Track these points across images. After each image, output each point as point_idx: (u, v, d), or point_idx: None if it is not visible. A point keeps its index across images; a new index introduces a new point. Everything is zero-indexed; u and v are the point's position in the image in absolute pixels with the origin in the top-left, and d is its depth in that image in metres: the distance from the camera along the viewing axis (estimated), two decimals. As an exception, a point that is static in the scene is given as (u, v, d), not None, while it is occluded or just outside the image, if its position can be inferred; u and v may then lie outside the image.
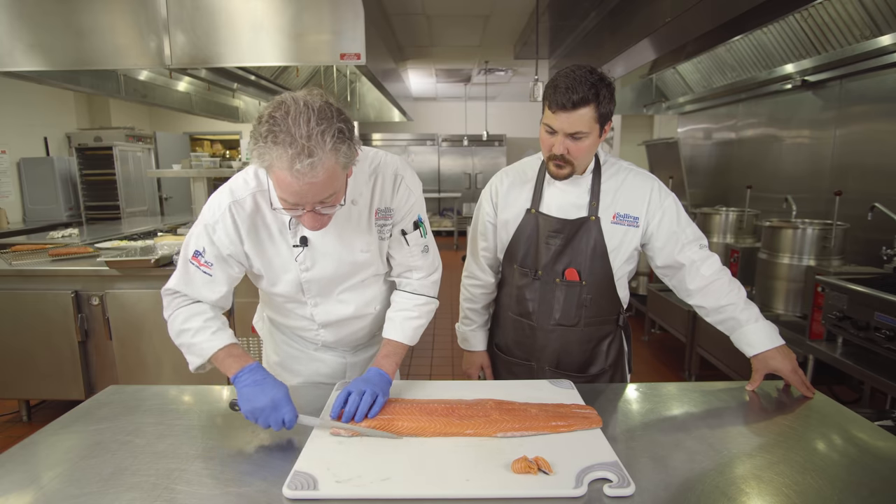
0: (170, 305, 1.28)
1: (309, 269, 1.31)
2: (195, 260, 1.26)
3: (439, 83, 9.43)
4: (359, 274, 1.37)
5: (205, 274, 1.26)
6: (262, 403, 1.10)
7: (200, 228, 1.26)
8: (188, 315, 1.25)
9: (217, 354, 1.21)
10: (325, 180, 1.03)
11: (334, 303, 1.39)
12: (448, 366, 4.10)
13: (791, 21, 3.28)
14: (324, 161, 1.00)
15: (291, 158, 0.97)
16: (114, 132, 7.23)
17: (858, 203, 3.00)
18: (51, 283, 2.86)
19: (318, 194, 1.05)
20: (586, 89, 1.29)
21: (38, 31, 3.10)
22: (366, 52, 3.11)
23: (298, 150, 0.97)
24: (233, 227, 1.24)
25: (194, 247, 1.26)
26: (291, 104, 1.00)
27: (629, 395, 1.38)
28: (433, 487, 0.93)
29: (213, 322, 1.25)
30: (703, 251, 1.48)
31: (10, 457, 1.05)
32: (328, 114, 1.01)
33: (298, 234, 1.28)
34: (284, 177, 1.01)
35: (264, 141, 0.99)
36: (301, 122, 0.98)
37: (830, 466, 1.01)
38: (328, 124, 1.00)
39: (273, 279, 1.33)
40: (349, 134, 1.04)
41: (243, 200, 1.24)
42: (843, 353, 2.51)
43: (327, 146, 0.99)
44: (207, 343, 1.22)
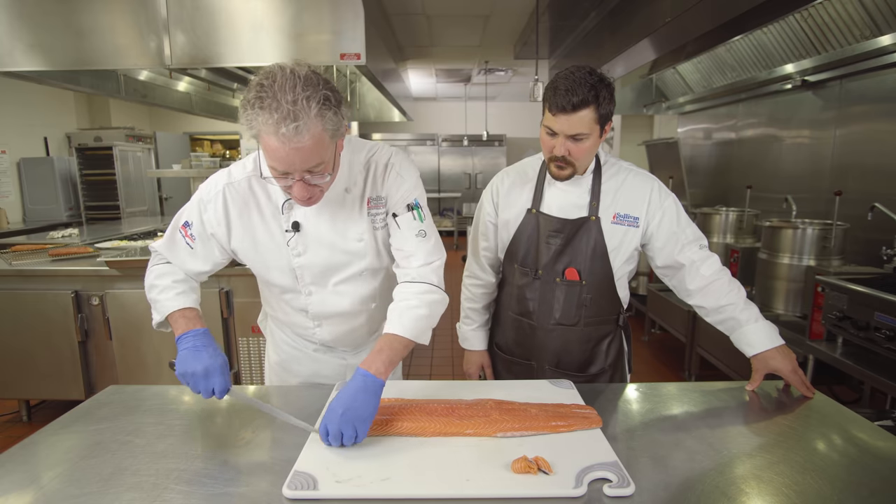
0: (151, 262, 1.38)
1: (301, 255, 1.32)
2: (183, 230, 1.32)
3: (439, 83, 9.42)
4: (353, 264, 1.36)
5: (188, 246, 1.33)
6: (194, 369, 1.14)
7: (195, 202, 1.31)
8: (160, 273, 1.33)
9: (173, 314, 1.26)
10: (312, 146, 1.04)
11: (329, 294, 1.38)
12: (448, 366, 4.10)
13: (791, 21, 3.28)
14: (309, 126, 1.01)
15: (277, 122, 1.00)
16: (114, 132, 7.22)
17: (858, 203, 3.00)
18: (51, 283, 2.86)
19: (305, 161, 1.06)
20: (586, 91, 1.29)
21: (38, 31, 3.10)
22: (366, 52, 3.11)
23: (284, 114, 1.00)
24: (223, 210, 1.29)
25: (186, 217, 1.32)
26: (279, 72, 1.03)
27: (629, 395, 1.38)
28: (433, 487, 0.93)
29: (180, 284, 1.31)
30: (703, 251, 1.48)
31: (10, 457, 1.05)
32: (314, 81, 1.04)
33: (291, 220, 1.30)
34: (271, 142, 1.03)
35: (251, 107, 1.02)
36: (287, 88, 1.00)
37: (830, 466, 1.01)
38: (314, 90, 1.02)
39: (265, 264, 1.34)
40: (335, 102, 1.06)
41: (238, 183, 1.29)
42: (843, 353, 2.51)
43: (312, 111, 1.01)
44: (169, 302, 1.27)
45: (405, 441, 1.08)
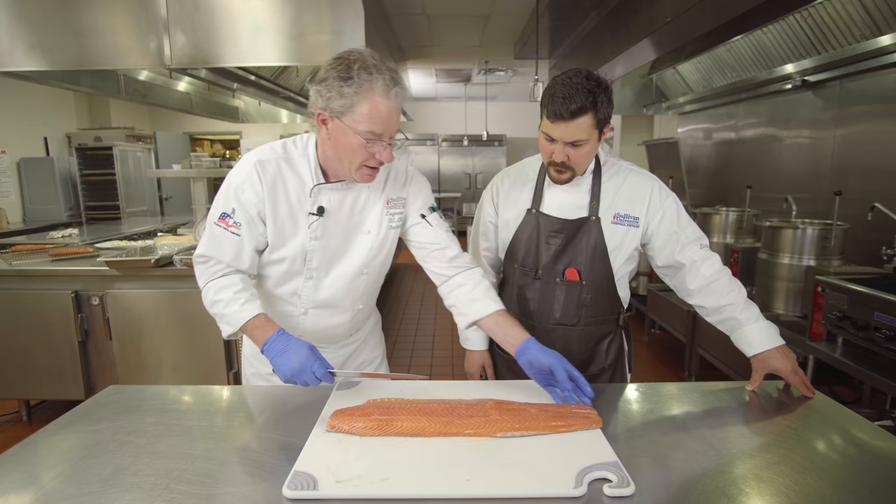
0: (202, 275, 1.35)
1: (318, 238, 1.36)
2: (222, 222, 1.31)
3: (439, 83, 9.42)
4: (358, 256, 1.41)
5: (233, 234, 1.31)
6: (291, 370, 1.18)
7: (228, 191, 1.31)
8: (220, 287, 1.31)
9: (245, 325, 1.28)
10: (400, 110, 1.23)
11: (327, 283, 1.41)
12: (448, 366, 4.10)
13: (791, 21, 3.28)
14: (403, 90, 1.20)
15: (388, 84, 1.17)
16: (114, 132, 7.22)
17: (858, 203, 3.00)
18: (51, 283, 2.86)
19: (397, 123, 1.23)
20: (583, 98, 1.28)
21: (38, 31, 3.10)
22: (366, 52, 3.10)
23: (391, 77, 1.17)
24: (259, 184, 1.30)
25: (221, 209, 1.31)
26: (363, 50, 1.19)
27: (629, 394, 1.38)
28: (433, 487, 0.93)
29: (243, 293, 1.30)
30: (703, 251, 1.48)
31: (10, 457, 1.05)
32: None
33: (316, 204, 1.34)
34: (380, 103, 1.17)
35: (357, 75, 1.14)
36: (378, 59, 1.18)
37: (830, 466, 1.01)
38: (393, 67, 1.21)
39: (280, 242, 1.36)
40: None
41: (267, 162, 1.31)
42: (843, 353, 2.51)
43: (402, 80, 1.21)
44: (237, 314, 1.28)
45: (405, 441, 1.08)
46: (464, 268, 1.44)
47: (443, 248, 1.43)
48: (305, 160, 1.33)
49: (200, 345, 2.83)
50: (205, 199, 3.81)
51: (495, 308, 1.37)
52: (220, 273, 1.33)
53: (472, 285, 1.40)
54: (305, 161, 1.33)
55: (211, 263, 1.33)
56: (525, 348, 1.27)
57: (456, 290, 1.43)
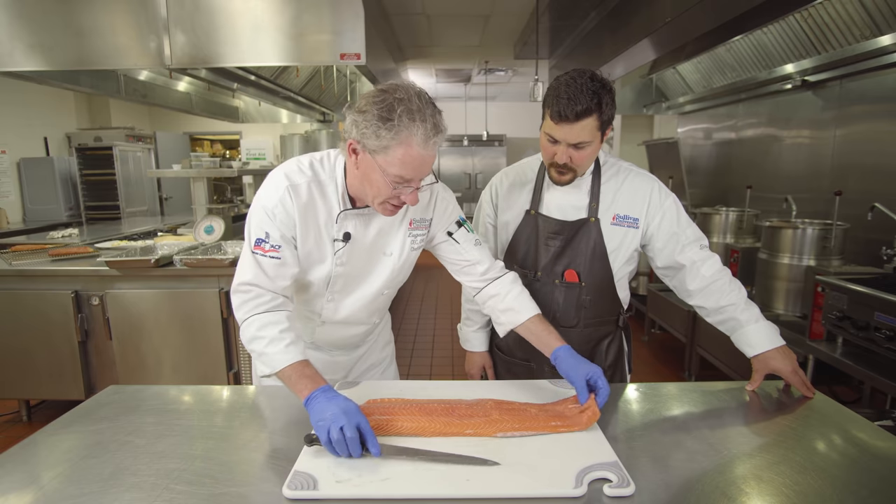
0: (243, 306, 1.24)
1: (343, 265, 1.33)
2: (259, 249, 1.24)
3: (439, 83, 9.42)
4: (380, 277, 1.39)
5: (273, 258, 1.24)
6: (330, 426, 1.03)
7: (260, 214, 1.25)
8: (263, 323, 1.22)
9: (285, 370, 1.17)
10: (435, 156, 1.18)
11: (348, 303, 1.41)
12: (448, 366, 4.10)
13: (791, 21, 3.28)
14: (443, 137, 1.16)
15: (429, 133, 1.11)
16: (114, 132, 7.22)
17: (858, 203, 3.00)
18: (51, 283, 2.86)
19: (430, 168, 1.20)
20: (588, 100, 1.27)
21: (38, 31, 3.10)
22: (366, 52, 3.11)
23: (432, 125, 1.12)
24: (292, 207, 1.25)
25: (256, 235, 1.25)
26: (409, 88, 1.13)
27: (629, 395, 1.38)
28: (433, 487, 0.93)
29: (287, 334, 1.21)
30: (703, 252, 1.48)
31: (10, 457, 1.05)
32: (432, 98, 1.17)
33: (343, 230, 1.30)
34: (416, 152, 1.12)
35: (399, 118, 1.09)
36: (425, 102, 1.13)
37: (830, 466, 1.01)
38: (437, 107, 1.16)
39: (307, 267, 1.33)
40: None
41: (299, 186, 1.25)
42: (843, 353, 2.51)
43: (444, 125, 1.16)
44: (279, 356, 1.18)
45: (405, 441, 1.08)
46: (494, 278, 1.43)
47: (472, 263, 1.42)
48: (333, 184, 1.28)
49: (200, 345, 2.83)
50: (205, 199, 3.81)
51: (527, 316, 1.37)
52: (264, 307, 1.23)
53: (503, 294, 1.41)
54: (333, 185, 1.28)
55: (254, 294, 1.24)
56: (556, 357, 1.28)
57: (489, 300, 1.43)
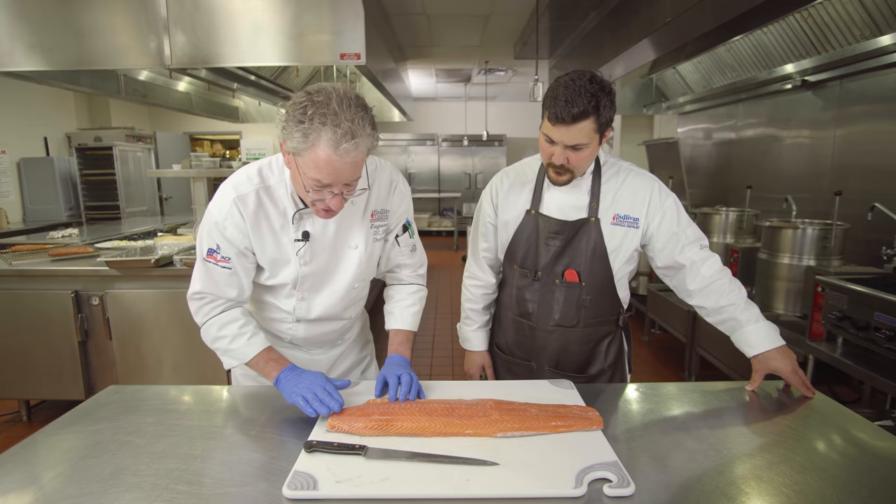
0: (199, 311, 1.35)
1: (308, 263, 1.35)
2: (211, 258, 1.30)
3: (439, 83, 9.43)
4: (348, 272, 1.41)
5: (224, 269, 1.30)
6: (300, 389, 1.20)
7: (211, 227, 1.29)
8: (223, 322, 1.33)
9: (252, 360, 1.31)
10: (360, 162, 1.15)
11: (320, 300, 1.42)
12: (448, 366, 4.10)
13: (791, 21, 3.28)
14: (363, 143, 1.12)
15: (339, 138, 1.08)
16: (114, 132, 7.22)
17: (858, 203, 3.00)
18: (51, 283, 2.86)
19: (351, 175, 1.15)
20: (586, 102, 1.27)
21: (38, 31, 3.10)
22: (366, 52, 3.11)
23: (345, 131, 1.08)
24: (241, 220, 1.28)
25: (207, 245, 1.30)
26: (332, 91, 1.11)
27: (629, 395, 1.38)
28: (433, 487, 0.93)
29: (247, 328, 1.33)
30: (703, 252, 1.48)
31: (10, 457, 1.05)
32: (363, 103, 1.15)
33: (300, 230, 1.32)
34: (327, 156, 1.10)
35: (310, 121, 1.08)
36: (344, 106, 1.09)
37: (830, 466, 1.01)
38: (365, 112, 1.13)
39: (274, 272, 1.36)
40: (375, 125, 1.18)
41: (246, 196, 1.28)
42: (843, 353, 2.51)
43: (366, 130, 1.12)
44: (244, 349, 1.31)
45: (405, 441, 1.08)
46: (401, 283, 1.56)
47: (401, 266, 1.53)
48: (283, 186, 1.30)
49: (200, 345, 2.79)
50: (205, 199, 3.81)
51: (394, 326, 1.50)
52: (219, 308, 1.33)
53: (396, 300, 1.53)
54: (283, 187, 1.30)
55: (208, 300, 1.33)
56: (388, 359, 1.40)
57: (387, 297, 1.57)
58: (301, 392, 1.19)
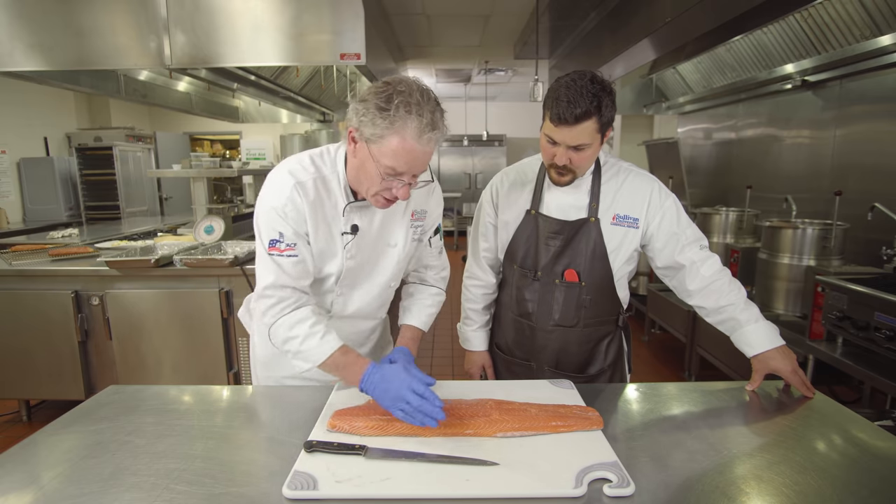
0: (269, 311, 1.26)
1: (353, 258, 1.35)
2: (275, 250, 1.25)
3: (439, 83, 9.43)
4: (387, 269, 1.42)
5: (290, 257, 1.25)
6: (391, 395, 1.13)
7: (269, 213, 1.25)
8: (292, 322, 1.25)
9: (327, 361, 1.23)
10: (432, 153, 1.19)
11: (357, 297, 1.42)
12: (448, 366, 4.10)
13: (791, 21, 3.28)
14: (440, 135, 1.17)
15: (423, 127, 1.12)
16: (114, 132, 7.22)
17: (858, 203, 3.00)
18: (51, 283, 2.86)
19: (424, 165, 1.20)
20: (588, 102, 1.27)
21: (38, 31, 3.10)
22: (366, 52, 3.10)
23: (428, 121, 1.13)
24: (303, 204, 1.25)
25: (268, 237, 1.25)
26: (413, 83, 1.15)
27: (629, 395, 1.38)
28: (433, 487, 0.93)
29: (318, 327, 1.25)
30: (703, 252, 1.48)
31: (10, 457, 1.05)
32: (437, 98, 1.18)
33: (350, 223, 1.32)
34: (410, 144, 1.13)
35: (396, 109, 1.10)
36: (426, 98, 1.14)
37: (830, 466, 1.01)
38: (439, 106, 1.18)
39: (320, 263, 1.34)
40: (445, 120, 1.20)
41: (305, 183, 1.26)
42: (843, 353, 2.51)
43: (443, 124, 1.17)
44: (317, 349, 1.23)
45: (405, 441, 1.08)
46: (423, 282, 1.57)
47: (428, 267, 1.55)
48: (335, 178, 1.30)
49: (200, 345, 2.83)
50: (205, 199, 3.81)
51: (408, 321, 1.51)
52: (290, 307, 1.26)
53: (414, 297, 1.55)
54: (335, 179, 1.30)
55: (279, 296, 1.25)
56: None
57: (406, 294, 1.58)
58: (395, 402, 1.11)
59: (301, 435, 1.11)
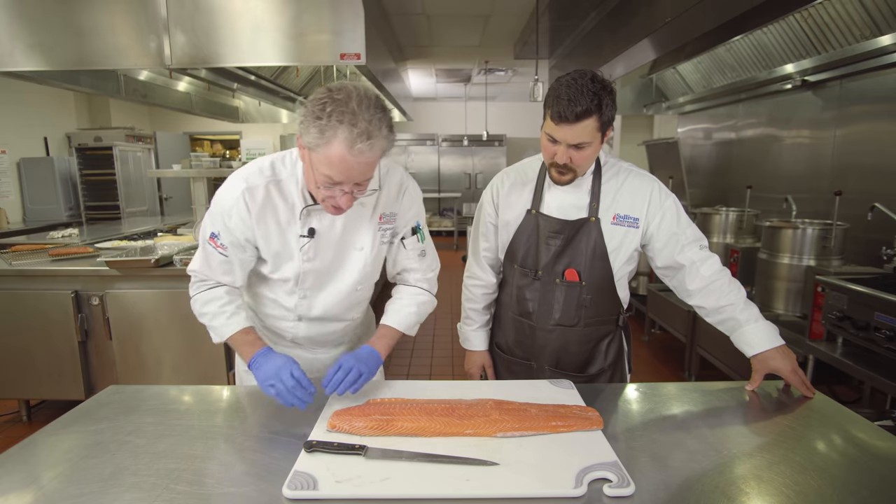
0: (192, 286, 1.39)
1: (311, 260, 1.36)
2: (212, 241, 1.33)
3: (439, 83, 9.43)
4: (352, 272, 1.42)
5: (221, 255, 1.33)
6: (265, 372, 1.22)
7: (216, 213, 1.32)
8: (206, 300, 1.35)
9: (232, 338, 1.33)
10: (373, 163, 1.16)
11: (322, 299, 1.43)
12: (448, 366, 4.10)
13: (791, 21, 3.28)
14: (377, 145, 1.13)
15: (355, 137, 1.09)
16: (114, 132, 7.22)
17: (858, 203, 3.00)
18: (51, 283, 2.86)
19: (362, 175, 1.17)
20: (588, 101, 1.27)
21: (38, 31, 3.10)
22: (366, 52, 3.10)
23: (361, 130, 1.09)
24: (246, 213, 1.30)
25: (210, 229, 1.33)
26: (353, 90, 1.12)
27: (629, 394, 1.38)
28: (433, 487, 0.93)
29: (228, 307, 1.35)
30: (703, 252, 1.48)
31: (10, 457, 1.05)
32: (382, 105, 1.15)
33: (307, 226, 1.33)
34: (341, 154, 1.11)
35: (328, 118, 1.09)
36: (363, 107, 1.10)
37: (830, 466, 1.01)
38: (384, 114, 1.14)
39: (277, 266, 1.38)
40: (392, 127, 1.18)
41: (255, 189, 1.29)
42: (843, 353, 2.51)
43: (382, 132, 1.13)
44: (223, 328, 1.34)
45: (405, 441, 1.08)
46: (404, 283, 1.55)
47: (408, 270, 1.52)
48: (294, 181, 1.31)
49: (200, 345, 2.83)
50: (205, 198, 3.81)
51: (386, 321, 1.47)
52: (207, 286, 1.36)
53: (396, 299, 1.52)
54: (294, 182, 1.31)
55: (198, 277, 1.37)
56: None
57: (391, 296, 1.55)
58: (270, 381, 1.20)
59: (301, 435, 1.11)
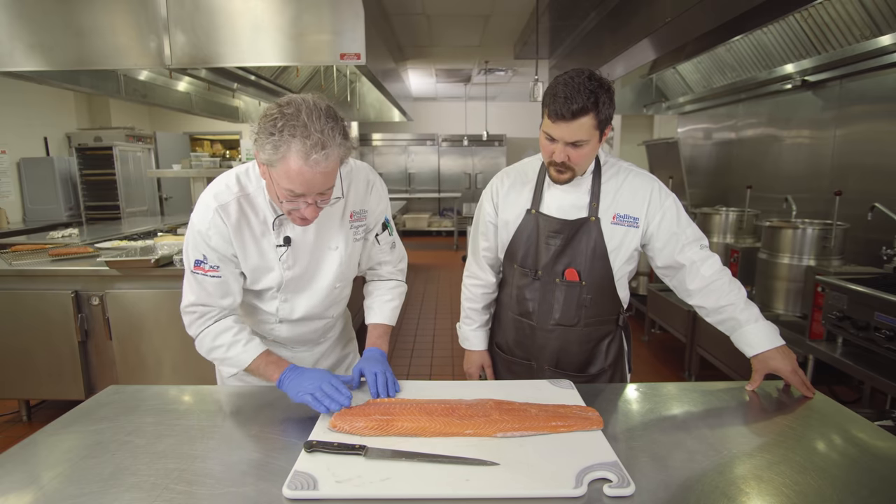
0: (193, 324, 1.35)
1: (291, 268, 1.37)
2: (199, 269, 1.31)
3: (439, 83, 9.43)
4: (329, 273, 1.43)
5: (213, 278, 1.31)
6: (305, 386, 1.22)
7: (195, 237, 1.30)
8: (216, 332, 1.34)
9: (251, 365, 1.32)
10: (331, 172, 1.16)
11: (302, 301, 1.44)
12: (448, 366, 4.10)
13: (791, 21, 3.28)
14: (333, 154, 1.13)
15: (309, 149, 1.09)
16: (114, 132, 7.22)
17: (858, 203, 3.00)
18: (51, 283, 2.86)
19: (323, 185, 1.16)
20: (585, 98, 1.28)
21: (38, 31, 3.10)
22: (366, 52, 3.11)
23: (314, 142, 1.10)
24: (225, 229, 1.30)
25: (193, 257, 1.31)
26: (302, 103, 1.12)
27: (629, 394, 1.38)
28: (433, 487, 0.93)
29: (241, 335, 1.34)
30: (703, 251, 1.48)
31: (10, 457, 1.05)
32: (334, 114, 1.15)
33: (282, 235, 1.34)
34: (298, 166, 1.11)
35: (280, 133, 1.09)
36: (314, 118, 1.11)
37: (830, 466, 1.01)
38: (335, 122, 1.14)
39: (256, 278, 1.38)
40: (347, 134, 1.18)
41: (228, 205, 1.30)
42: (843, 353, 2.51)
43: (336, 140, 1.13)
44: (242, 356, 1.32)
45: (405, 441, 1.08)
46: (380, 278, 1.59)
47: (381, 263, 1.57)
48: (261, 193, 1.32)
49: (200, 345, 2.83)
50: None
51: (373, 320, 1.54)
52: (212, 319, 1.34)
53: (375, 295, 1.57)
54: (262, 194, 1.32)
55: (200, 311, 1.34)
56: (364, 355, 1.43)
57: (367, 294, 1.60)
58: (308, 390, 1.20)
59: (301, 435, 1.11)
